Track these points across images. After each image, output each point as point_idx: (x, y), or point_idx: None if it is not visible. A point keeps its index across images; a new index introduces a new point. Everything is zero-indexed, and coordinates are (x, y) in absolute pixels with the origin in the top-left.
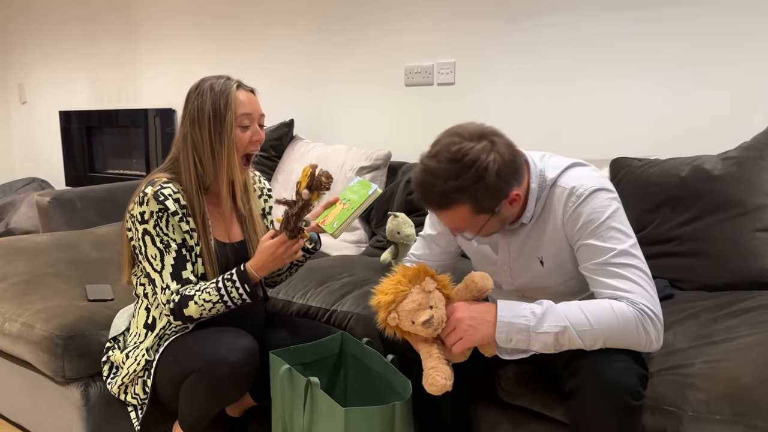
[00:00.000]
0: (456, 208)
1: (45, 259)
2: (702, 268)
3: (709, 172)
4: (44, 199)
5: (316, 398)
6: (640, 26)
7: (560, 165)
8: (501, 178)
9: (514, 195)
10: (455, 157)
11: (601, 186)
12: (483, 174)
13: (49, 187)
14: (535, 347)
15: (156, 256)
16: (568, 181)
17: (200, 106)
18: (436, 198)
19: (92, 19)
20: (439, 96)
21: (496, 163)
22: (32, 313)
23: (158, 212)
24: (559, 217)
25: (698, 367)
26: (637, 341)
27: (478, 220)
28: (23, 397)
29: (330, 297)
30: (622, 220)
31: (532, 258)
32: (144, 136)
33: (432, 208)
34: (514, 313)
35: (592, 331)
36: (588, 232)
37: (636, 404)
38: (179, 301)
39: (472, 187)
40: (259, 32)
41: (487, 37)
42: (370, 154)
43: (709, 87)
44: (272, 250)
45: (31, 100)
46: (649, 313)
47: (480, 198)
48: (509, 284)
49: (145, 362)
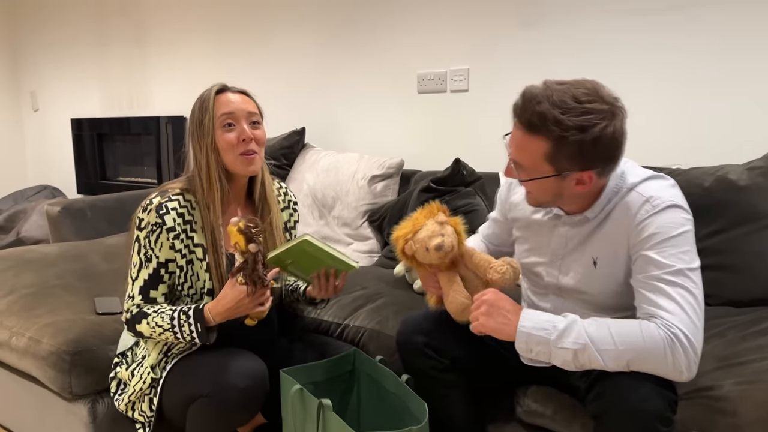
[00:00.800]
0: (538, 138)
1: (54, 270)
2: (728, 282)
3: (734, 182)
4: (54, 208)
5: (329, 421)
6: (660, 31)
7: (643, 174)
8: (595, 148)
9: (588, 175)
10: (579, 97)
11: (679, 204)
12: (586, 129)
13: (61, 194)
14: (556, 362)
15: (136, 265)
16: (647, 190)
17: (191, 118)
18: (532, 115)
19: (104, 26)
20: (453, 103)
21: (604, 133)
22: (39, 327)
23: (153, 225)
24: (627, 222)
25: (727, 389)
26: (664, 367)
27: (542, 169)
28: (30, 413)
29: (342, 311)
30: (690, 243)
31: (587, 256)
32: (155, 143)
33: (521, 122)
34: (536, 324)
35: (616, 351)
36: (652, 243)
37: (664, 430)
38: (135, 315)
39: (567, 132)
40: (270, 39)
41: (502, 43)
42: (382, 162)
43: (732, 92)
44: (238, 297)
45: (43, 108)
46: (682, 339)
47: (564, 147)
48: (552, 278)
49: (151, 380)
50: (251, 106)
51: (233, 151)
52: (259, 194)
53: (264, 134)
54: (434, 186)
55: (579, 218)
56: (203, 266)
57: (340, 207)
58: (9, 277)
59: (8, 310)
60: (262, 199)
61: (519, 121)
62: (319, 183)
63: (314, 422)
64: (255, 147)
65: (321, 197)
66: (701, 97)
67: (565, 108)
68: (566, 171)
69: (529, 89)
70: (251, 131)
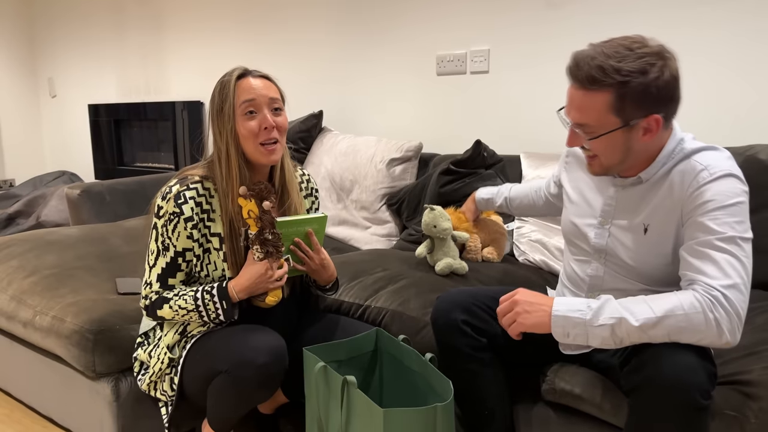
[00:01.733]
0: (599, 92)
1: (75, 252)
2: (759, 265)
3: (765, 162)
4: (74, 192)
5: (353, 398)
6: (690, 9)
7: (701, 144)
8: (658, 90)
9: (654, 118)
10: (629, 46)
11: (736, 174)
12: (646, 71)
13: (79, 180)
14: (594, 342)
15: (153, 252)
16: (705, 160)
17: (210, 103)
18: (590, 70)
19: (121, 12)
20: (473, 85)
21: (663, 73)
22: (63, 306)
23: (171, 215)
24: (682, 189)
25: (758, 374)
26: (706, 333)
27: (609, 122)
28: (54, 391)
29: (363, 292)
30: (744, 213)
31: (638, 222)
32: (172, 129)
33: (578, 81)
34: (570, 307)
35: (655, 319)
36: (706, 210)
37: (705, 404)
38: (155, 301)
39: (629, 77)
40: (287, 21)
41: (525, 23)
42: (400, 145)
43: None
44: (260, 272)
45: (60, 94)
46: (723, 301)
47: (628, 94)
48: (600, 240)
49: (169, 360)
50: (273, 92)
51: (254, 140)
52: (279, 180)
53: (286, 120)
54: (454, 168)
55: (633, 179)
56: (220, 255)
57: (358, 190)
58: (31, 259)
59: (31, 290)
60: (282, 184)
61: (577, 80)
62: (337, 166)
63: (338, 399)
64: (277, 135)
65: (339, 181)
66: (735, 75)
67: (621, 56)
68: (633, 119)
69: (578, 52)
70: (273, 118)
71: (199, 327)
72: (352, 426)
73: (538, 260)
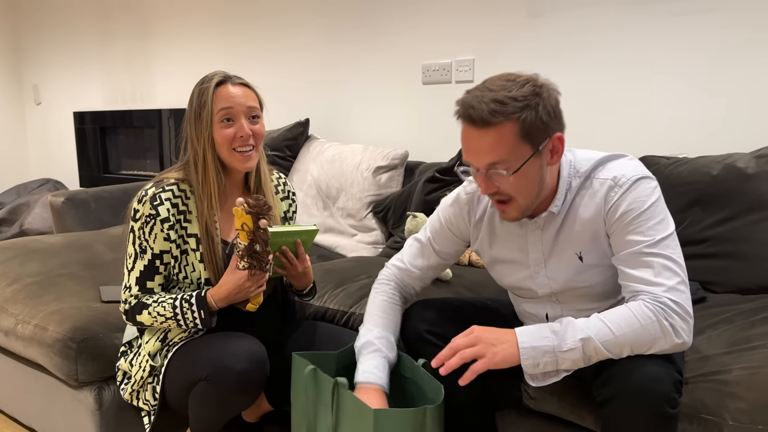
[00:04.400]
0: (505, 123)
1: (59, 260)
2: (736, 270)
3: (743, 170)
4: (58, 199)
5: (344, 399)
6: (667, 21)
7: (592, 158)
8: (552, 107)
9: (558, 137)
10: (508, 78)
11: (643, 174)
12: (537, 93)
13: (64, 187)
14: (564, 366)
15: (131, 256)
16: (608, 174)
17: (189, 105)
18: (488, 105)
19: (106, 19)
20: (458, 94)
21: (549, 93)
22: (45, 314)
23: (147, 217)
24: (599, 209)
25: (736, 374)
26: (664, 340)
27: (522, 151)
28: (36, 400)
29: (348, 299)
30: (662, 211)
31: (569, 254)
32: (158, 136)
33: (479, 121)
34: (535, 336)
35: (615, 339)
36: (627, 221)
37: (672, 412)
38: (135, 306)
39: (526, 101)
40: (274, 30)
41: (508, 33)
42: (386, 153)
43: (739, 82)
44: (239, 282)
45: (45, 101)
46: (673, 306)
47: (530, 120)
48: (545, 287)
49: (150, 368)
50: (251, 100)
51: (229, 147)
52: (254, 183)
53: (263, 128)
54: (439, 176)
55: (545, 215)
56: (197, 256)
57: (344, 198)
58: (14, 266)
59: (14, 298)
60: (257, 187)
61: (477, 122)
62: (324, 174)
63: (328, 402)
64: (253, 142)
65: (325, 188)
66: (710, 84)
67: (508, 87)
68: (541, 142)
69: (462, 99)
70: (250, 127)
71: (180, 334)
72: (342, 428)
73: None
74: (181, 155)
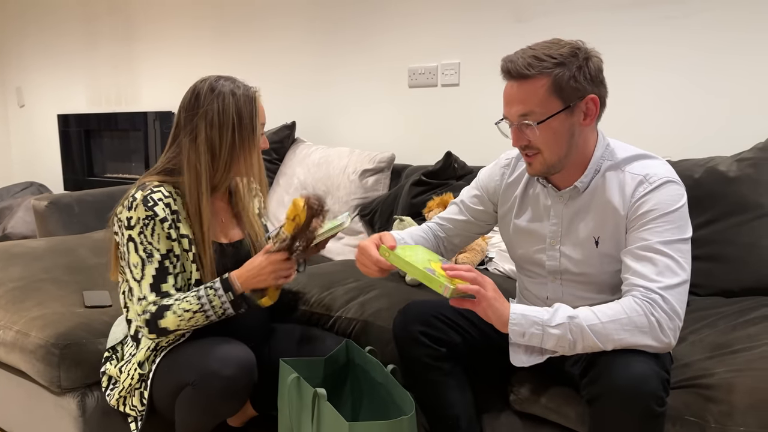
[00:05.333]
0: (538, 78)
1: (41, 264)
2: (719, 272)
3: (724, 173)
4: (41, 203)
5: (323, 410)
6: (651, 25)
7: (630, 150)
8: (589, 69)
9: (591, 98)
10: (552, 42)
11: (673, 178)
12: (576, 54)
13: (48, 191)
14: (549, 343)
15: (138, 265)
16: (641, 170)
17: (223, 109)
18: (525, 60)
19: (92, 21)
20: (444, 97)
21: (589, 56)
22: (27, 320)
23: (145, 219)
24: (625, 200)
25: (719, 377)
26: (650, 335)
27: (552, 105)
28: (18, 407)
29: (334, 303)
30: (685, 216)
31: (586, 236)
32: (143, 139)
33: (515, 74)
34: (527, 309)
35: (601, 326)
36: (648, 219)
37: (659, 410)
38: (156, 312)
39: (562, 59)
40: (260, 33)
41: (493, 37)
42: (373, 156)
43: (722, 86)
44: (266, 267)
45: (29, 104)
46: (661, 303)
47: (564, 75)
48: (554, 261)
49: (139, 376)
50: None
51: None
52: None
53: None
54: (426, 179)
55: (570, 190)
56: (189, 257)
57: (330, 201)
58: None
59: None
60: (247, 186)
61: (514, 74)
62: (310, 177)
63: (309, 411)
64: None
65: (312, 191)
66: (692, 89)
67: (549, 47)
68: (573, 100)
69: (507, 56)
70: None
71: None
72: None
73: (508, 269)
74: (172, 153)
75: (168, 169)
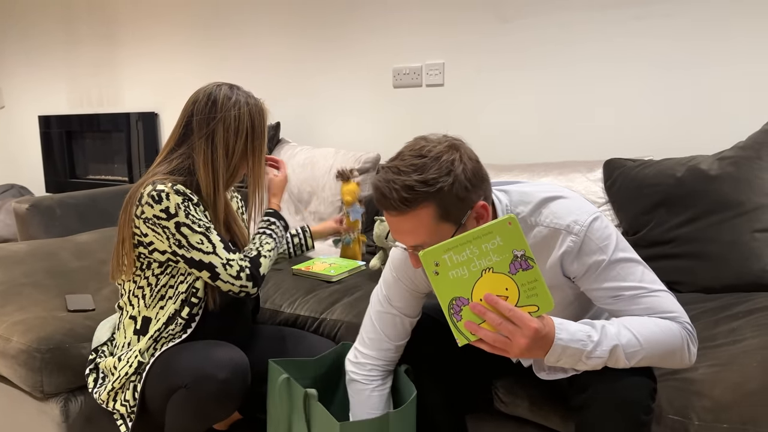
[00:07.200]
0: (419, 209)
1: (22, 268)
2: (701, 269)
3: (706, 172)
4: (22, 206)
5: (314, 411)
6: (633, 25)
7: (529, 199)
8: (468, 179)
9: (480, 205)
10: (420, 153)
11: (589, 213)
12: (450, 169)
13: (29, 193)
14: (581, 368)
15: (202, 241)
16: (555, 219)
17: (239, 117)
18: (399, 193)
19: (72, 22)
20: (428, 98)
21: (463, 162)
22: (9, 325)
23: (183, 202)
24: (553, 258)
25: (702, 372)
26: (680, 359)
27: (443, 231)
28: (0, 413)
29: (319, 305)
30: (621, 241)
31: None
32: (126, 140)
33: (392, 209)
34: (572, 336)
35: (641, 351)
36: (599, 271)
37: (646, 419)
38: (252, 263)
39: (438, 183)
40: (244, 33)
41: (478, 38)
42: (358, 156)
43: (702, 85)
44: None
45: (9, 105)
46: (692, 332)
47: (446, 199)
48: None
49: (138, 364)
50: None
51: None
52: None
53: None
54: None
55: None
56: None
57: (316, 202)
58: None
59: None
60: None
61: (392, 209)
62: (295, 178)
63: (301, 412)
64: None
65: (297, 192)
66: (673, 89)
67: (419, 168)
68: (462, 216)
69: (375, 181)
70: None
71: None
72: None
73: None
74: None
75: (178, 169)
